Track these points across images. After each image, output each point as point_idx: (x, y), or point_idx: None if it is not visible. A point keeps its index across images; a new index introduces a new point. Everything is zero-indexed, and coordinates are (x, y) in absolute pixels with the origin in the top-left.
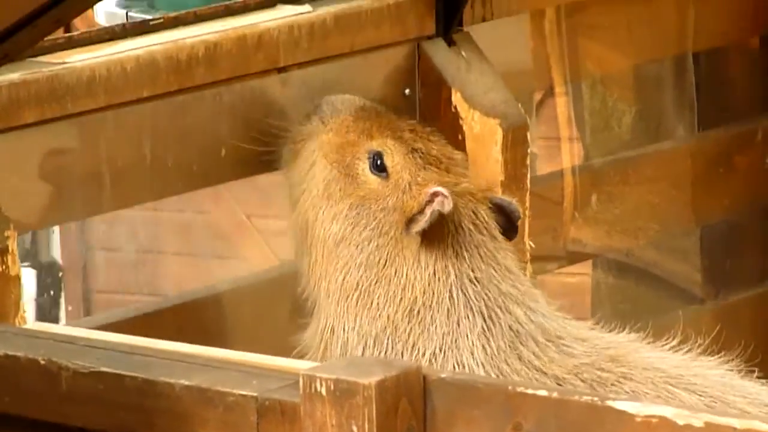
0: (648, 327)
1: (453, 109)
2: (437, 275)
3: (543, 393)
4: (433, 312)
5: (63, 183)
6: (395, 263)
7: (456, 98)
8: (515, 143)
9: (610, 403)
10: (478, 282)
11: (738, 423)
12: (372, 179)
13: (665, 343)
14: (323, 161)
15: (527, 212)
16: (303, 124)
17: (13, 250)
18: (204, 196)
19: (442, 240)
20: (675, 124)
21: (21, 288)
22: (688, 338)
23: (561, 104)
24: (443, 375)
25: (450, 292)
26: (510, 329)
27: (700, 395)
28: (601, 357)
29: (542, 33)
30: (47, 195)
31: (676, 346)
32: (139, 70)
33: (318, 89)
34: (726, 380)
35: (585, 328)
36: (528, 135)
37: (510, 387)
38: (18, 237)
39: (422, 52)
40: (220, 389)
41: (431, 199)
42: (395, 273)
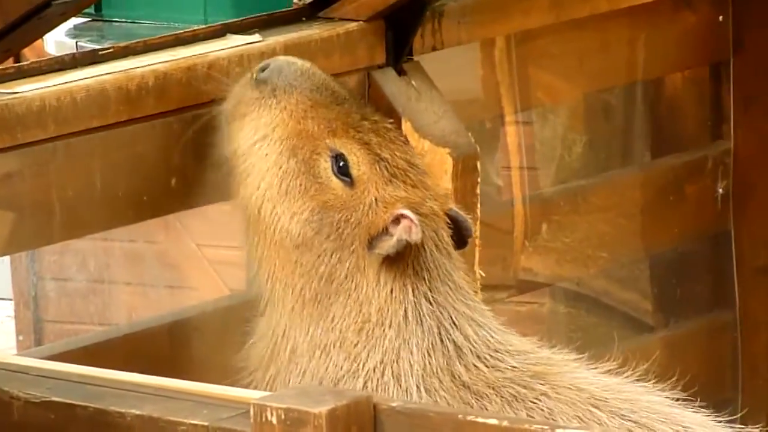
0: (598, 355)
1: None
2: (395, 294)
3: (493, 422)
4: (385, 328)
5: (13, 213)
6: (355, 278)
7: (406, 127)
8: (465, 172)
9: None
10: (434, 301)
11: None
12: (335, 183)
13: (606, 367)
14: (277, 144)
15: (477, 241)
16: (248, 87)
17: None
18: (154, 226)
19: (403, 259)
20: (625, 153)
21: None
22: (638, 366)
23: (511, 133)
24: (393, 404)
25: (405, 311)
26: (455, 346)
27: (624, 420)
28: (527, 373)
29: (492, 62)
30: None
31: (618, 371)
32: (89, 100)
33: None
34: (658, 407)
35: (528, 344)
36: (478, 164)
37: (460, 416)
38: None
39: (372, 82)
40: (172, 419)
41: (397, 220)
42: (354, 288)
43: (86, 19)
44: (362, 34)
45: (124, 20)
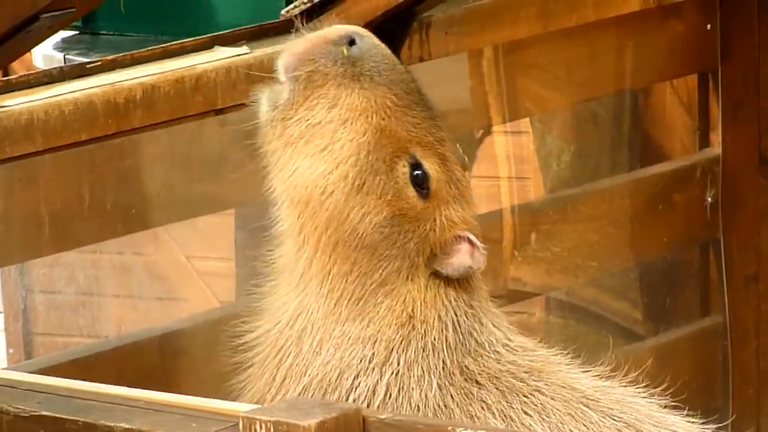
0: (589, 364)
1: None
2: (437, 297)
3: None
4: (422, 328)
5: (1, 226)
6: (407, 285)
7: None
8: None
9: None
10: (466, 303)
11: None
12: (411, 193)
13: (599, 371)
14: (361, 135)
15: None
16: (331, 58)
17: None
18: (143, 238)
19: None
20: (614, 162)
21: None
22: (628, 375)
23: (500, 143)
24: (383, 416)
25: (442, 313)
26: (477, 344)
27: (614, 420)
28: (523, 368)
29: (480, 72)
30: None
31: (609, 375)
32: (77, 113)
33: (256, 131)
34: (647, 411)
35: (530, 342)
36: (467, 174)
37: (450, 428)
38: None
39: None
40: None
41: (458, 243)
42: (404, 293)
43: (74, 33)
44: None
45: (112, 33)
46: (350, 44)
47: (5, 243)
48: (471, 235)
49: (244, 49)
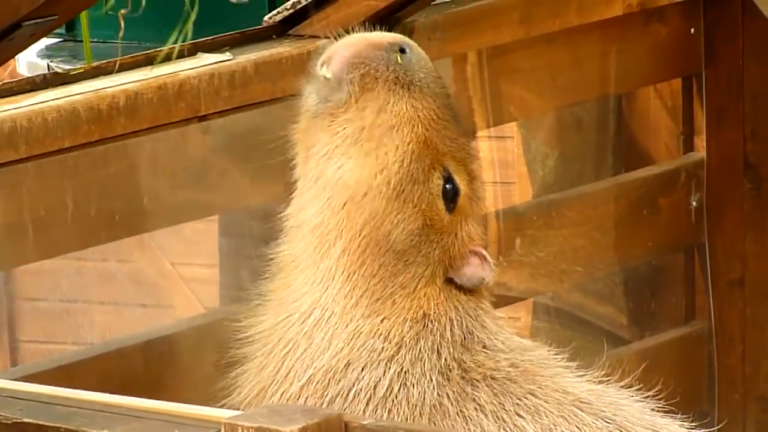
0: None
1: None
2: (449, 299)
3: None
4: (433, 327)
5: None
6: (425, 290)
7: None
8: None
9: None
10: (473, 304)
11: None
12: (440, 206)
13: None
14: (407, 143)
15: None
16: (383, 63)
17: None
18: (128, 245)
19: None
20: (598, 167)
21: None
22: (613, 379)
23: (484, 148)
24: (365, 422)
25: (451, 314)
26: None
27: (607, 422)
28: (519, 369)
29: (465, 77)
30: None
31: (602, 379)
32: (61, 121)
33: (240, 137)
34: (639, 413)
35: (529, 343)
36: None
37: None
38: None
39: None
40: None
41: (473, 256)
42: (420, 297)
43: (58, 40)
44: None
45: (95, 40)
46: (401, 52)
47: None
48: (484, 251)
49: (227, 56)
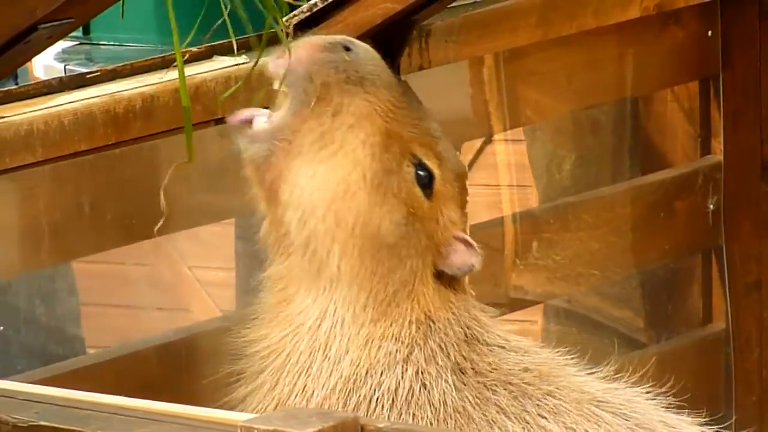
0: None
1: None
2: (447, 298)
3: None
4: (437, 327)
5: (1, 238)
6: (423, 285)
7: None
8: None
9: None
10: (470, 304)
11: None
12: (417, 193)
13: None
14: (371, 135)
15: None
16: (332, 64)
17: None
18: (144, 248)
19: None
20: (615, 170)
21: None
22: (630, 382)
23: (501, 151)
24: (381, 425)
25: (453, 313)
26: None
27: (626, 419)
28: (533, 372)
29: (481, 80)
30: None
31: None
32: (77, 124)
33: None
34: (654, 409)
35: (531, 344)
36: (466, 183)
37: None
38: None
39: None
40: None
41: (456, 243)
42: (420, 294)
43: (74, 43)
44: None
45: (112, 43)
46: (346, 50)
47: (5, 254)
48: (466, 236)
49: (243, 59)
